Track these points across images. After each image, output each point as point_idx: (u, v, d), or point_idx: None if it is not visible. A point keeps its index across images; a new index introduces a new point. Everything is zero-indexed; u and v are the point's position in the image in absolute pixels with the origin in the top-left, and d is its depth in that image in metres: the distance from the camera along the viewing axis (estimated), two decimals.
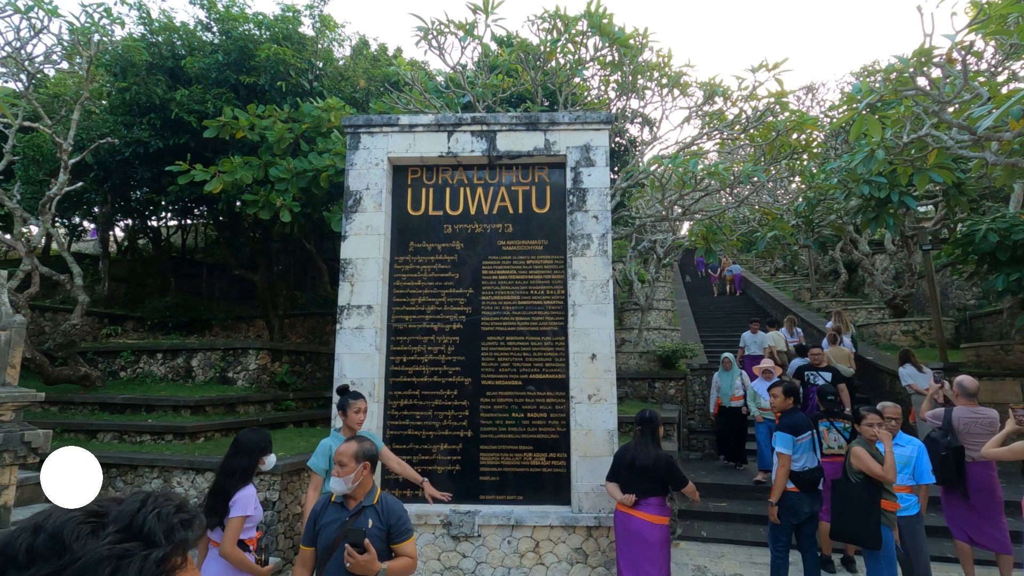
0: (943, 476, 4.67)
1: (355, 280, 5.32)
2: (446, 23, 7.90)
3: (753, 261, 24.28)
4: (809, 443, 4.54)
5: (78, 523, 0.69)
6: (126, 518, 0.72)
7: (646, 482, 4.04)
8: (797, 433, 4.51)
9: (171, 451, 6.56)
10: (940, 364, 8.84)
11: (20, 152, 9.49)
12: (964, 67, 4.52)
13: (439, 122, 5.58)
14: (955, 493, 4.77)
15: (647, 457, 4.06)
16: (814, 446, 4.58)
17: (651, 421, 4.25)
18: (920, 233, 10.84)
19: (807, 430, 4.56)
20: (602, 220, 5.32)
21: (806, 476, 4.43)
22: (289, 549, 5.86)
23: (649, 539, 4.00)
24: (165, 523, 0.73)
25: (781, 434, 4.54)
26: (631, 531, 4.05)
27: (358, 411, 3.75)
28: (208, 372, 8.94)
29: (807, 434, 4.55)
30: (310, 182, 7.75)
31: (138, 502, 0.75)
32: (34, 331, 9.56)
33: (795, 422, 4.57)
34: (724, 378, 8.44)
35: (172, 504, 0.78)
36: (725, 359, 8.45)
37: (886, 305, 13.74)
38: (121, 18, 8.12)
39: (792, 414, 4.67)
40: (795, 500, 4.48)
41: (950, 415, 4.87)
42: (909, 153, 6.13)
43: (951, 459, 4.69)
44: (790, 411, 4.71)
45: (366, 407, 3.85)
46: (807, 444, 4.52)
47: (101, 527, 0.71)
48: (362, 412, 3.78)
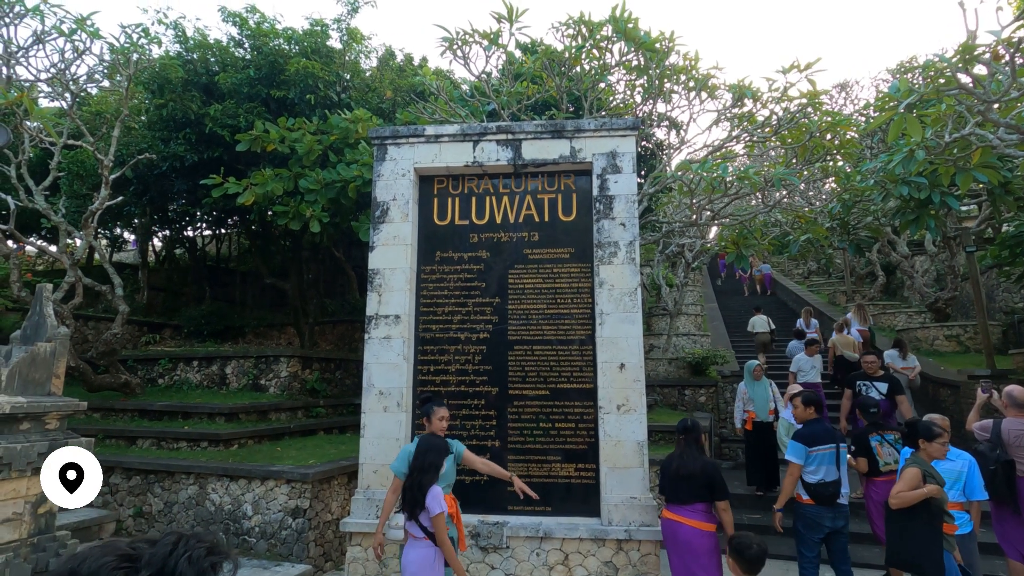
0: (993, 491, 4.44)
1: (383, 290, 5.36)
2: (470, 33, 7.94)
3: (786, 264, 23.70)
4: (831, 456, 4.45)
5: (112, 569, 0.69)
6: (158, 562, 0.72)
7: (692, 489, 4.05)
8: (812, 444, 4.47)
9: (206, 458, 6.71)
10: (987, 371, 8.45)
11: (65, 168, 9.90)
12: (1012, 64, 4.31)
13: (464, 132, 5.60)
14: (1006, 509, 4.53)
15: (694, 464, 4.09)
16: (837, 460, 4.46)
17: (694, 429, 4.28)
18: (963, 234, 10.40)
19: (829, 442, 4.48)
20: (629, 227, 5.25)
21: (821, 489, 4.39)
22: (320, 556, 5.93)
23: (698, 547, 4.01)
24: (196, 567, 0.73)
25: (793, 443, 4.54)
26: (680, 541, 4.06)
27: (441, 418, 3.85)
28: (241, 379, 9.15)
29: (828, 446, 4.46)
30: (338, 193, 7.88)
31: (170, 544, 0.75)
32: (78, 340, 9.93)
33: (813, 432, 4.53)
34: (756, 389, 7.46)
35: (204, 546, 0.78)
36: (756, 368, 7.52)
37: (927, 309, 13.22)
38: (158, 37, 8.43)
39: (813, 424, 4.63)
40: (812, 513, 4.43)
41: (999, 427, 4.63)
42: (951, 152, 5.89)
43: (1001, 473, 4.45)
44: (812, 421, 4.66)
45: (448, 414, 3.94)
46: (827, 457, 4.44)
47: (135, 571, 0.71)
48: (445, 420, 3.88)
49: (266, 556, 5.79)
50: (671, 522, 4.12)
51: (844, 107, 20.87)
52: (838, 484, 4.41)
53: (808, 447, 4.47)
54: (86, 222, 7.82)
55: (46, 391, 4.77)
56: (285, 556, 5.78)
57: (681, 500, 4.09)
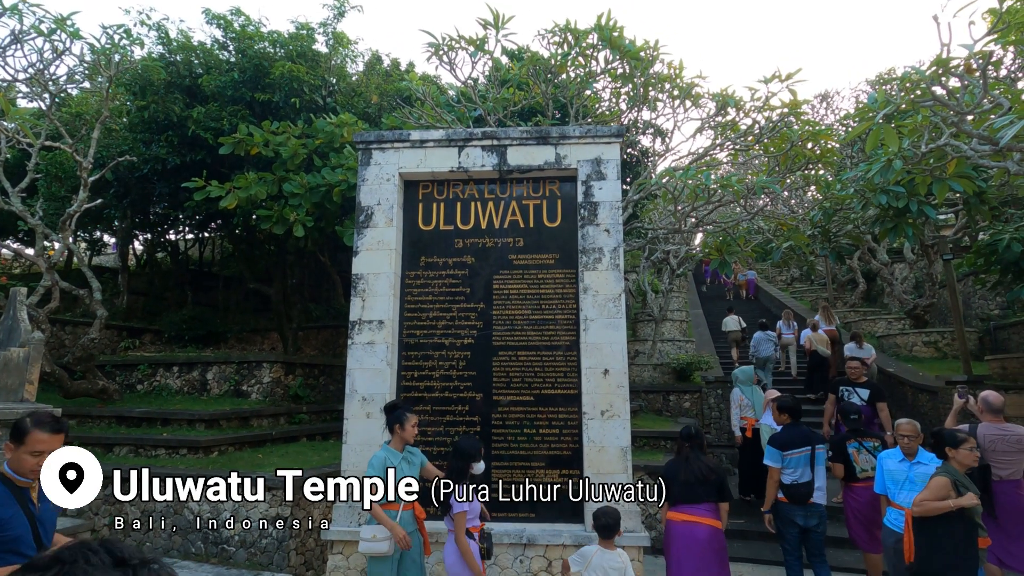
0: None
1: (367, 295, 5.33)
2: (457, 39, 7.96)
3: (769, 271, 23.98)
4: (805, 458, 4.74)
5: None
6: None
7: (702, 490, 4.32)
8: (786, 448, 4.77)
9: (185, 465, 6.59)
10: (964, 377, 8.61)
11: (43, 170, 9.72)
12: (984, 77, 4.43)
13: (450, 137, 5.60)
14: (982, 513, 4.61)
15: (703, 467, 4.37)
16: (811, 462, 4.74)
17: (697, 436, 4.59)
18: (940, 242, 10.62)
19: (803, 445, 4.77)
20: (614, 233, 5.28)
21: (794, 489, 4.70)
22: (301, 565, 5.84)
23: (717, 545, 4.30)
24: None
25: (769, 448, 4.90)
26: (700, 540, 4.26)
27: (414, 425, 3.97)
28: (223, 385, 9.01)
29: (802, 449, 4.75)
30: (323, 197, 7.82)
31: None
32: (54, 345, 9.73)
33: (788, 437, 4.85)
34: (756, 395, 7.49)
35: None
36: (755, 375, 7.64)
37: (906, 315, 13.46)
38: (140, 39, 8.32)
39: (788, 429, 4.93)
40: (785, 510, 4.79)
41: (975, 432, 4.72)
42: (927, 163, 6.01)
43: (977, 477, 4.53)
44: (787, 426, 4.97)
45: (417, 420, 4.05)
46: (802, 459, 4.74)
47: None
48: (416, 426, 4.00)
49: (246, 565, 5.69)
50: (688, 523, 4.32)
51: (825, 117, 21.25)
52: (811, 485, 4.69)
53: (782, 451, 4.77)
54: (64, 224, 7.67)
55: (19, 397, 4.67)
56: (265, 565, 5.68)
57: (696, 500, 4.33)
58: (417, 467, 4.02)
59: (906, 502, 4.18)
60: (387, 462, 3.81)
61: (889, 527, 4.28)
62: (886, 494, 4.40)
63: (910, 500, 4.16)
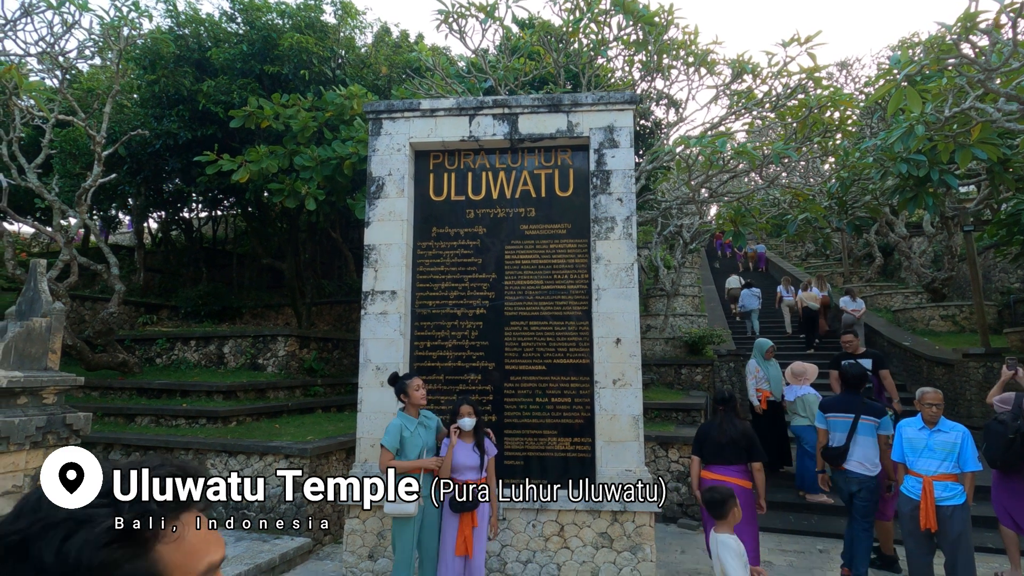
0: (1005, 460, 4.61)
1: (379, 266, 5.34)
2: (466, 6, 7.81)
3: (783, 246, 23.68)
4: (845, 424, 4.90)
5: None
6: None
7: (736, 451, 4.56)
8: (827, 411, 5.04)
9: (204, 434, 6.75)
10: (982, 350, 8.51)
11: (57, 146, 9.79)
12: (1014, 31, 4.25)
13: (460, 106, 5.53)
14: (1014, 478, 4.68)
15: (734, 430, 4.60)
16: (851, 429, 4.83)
17: (731, 400, 4.82)
18: (961, 214, 10.38)
19: (846, 412, 4.93)
20: (626, 203, 5.22)
21: (827, 452, 4.93)
22: (319, 530, 6.00)
23: (742, 502, 4.38)
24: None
25: (818, 411, 5.21)
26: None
27: (417, 388, 4.04)
28: (239, 359, 9.16)
29: (845, 415, 4.93)
30: (334, 170, 7.81)
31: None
32: (74, 320, 9.92)
33: (833, 401, 5.11)
34: (770, 368, 7.50)
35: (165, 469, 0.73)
36: (770, 347, 7.56)
37: (924, 289, 13.25)
38: (149, 11, 8.26)
39: (840, 395, 5.19)
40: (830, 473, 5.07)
41: (1021, 400, 4.77)
42: (950, 128, 5.84)
43: (1018, 443, 4.55)
44: (841, 393, 5.23)
45: (423, 383, 4.14)
46: (841, 424, 4.93)
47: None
48: (422, 388, 4.08)
49: (266, 530, 5.86)
50: (716, 482, 4.45)
51: (845, 86, 20.69)
52: (842, 450, 4.81)
53: (824, 413, 5.04)
54: (80, 200, 7.75)
55: (43, 366, 4.78)
56: (284, 530, 5.85)
57: (726, 461, 4.58)
58: (433, 431, 4.09)
59: (925, 470, 4.22)
60: (403, 429, 3.90)
61: (906, 495, 4.30)
62: (904, 462, 4.40)
63: (929, 468, 4.21)
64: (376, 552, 4.79)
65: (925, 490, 4.16)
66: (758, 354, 7.65)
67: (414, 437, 3.89)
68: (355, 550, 4.82)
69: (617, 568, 4.64)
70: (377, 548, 4.79)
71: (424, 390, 4.09)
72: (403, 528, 3.82)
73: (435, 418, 4.21)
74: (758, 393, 7.46)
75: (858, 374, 5.03)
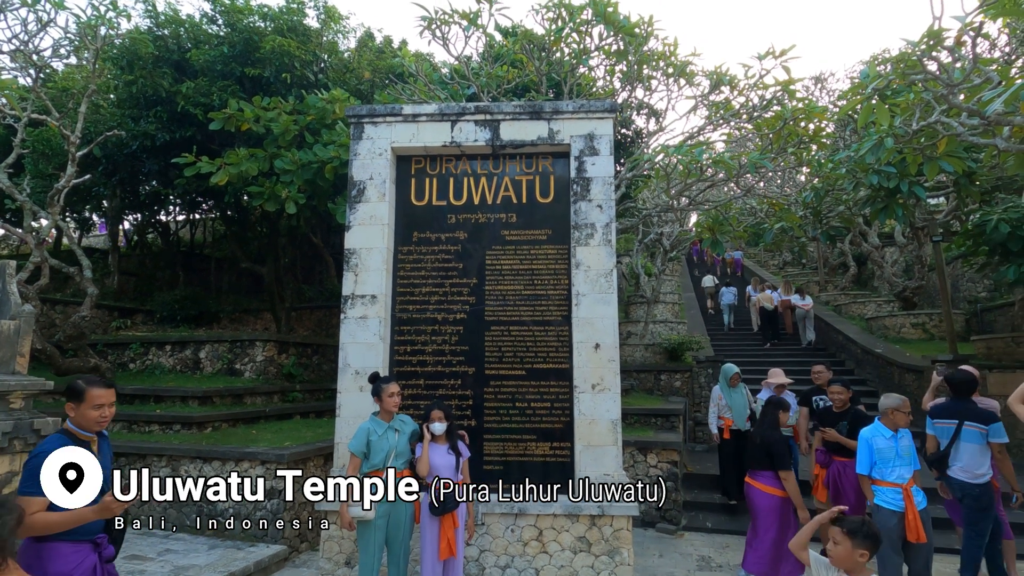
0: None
1: (359, 270, 5.33)
2: (450, 13, 7.86)
3: (761, 255, 24.11)
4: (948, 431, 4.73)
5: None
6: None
7: (759, 457, 4.72)
8: (934, 416, 4.88)
9: (179, 440, 6.62)
10: (949, 357, 8.76)
11: (29, 146, 9.57)
12: (973, 49, 4.43)
13: (442, 111, 5.56)
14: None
15: (757, 435, 4.82)
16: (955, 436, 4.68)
17: (779, 405, 4.94)
18: (930, 225, 10.71)
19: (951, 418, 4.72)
20: (606, 209, 5.29)
21: (930, 457, 4.82)
22: (295, 537, 5.92)
23: (759, 505, 4.66)
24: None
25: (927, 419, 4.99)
26: (758, 505, 4.69)
27: (391, 395, 4.04)
28: (216, 364, 9.02)
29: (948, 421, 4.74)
30: (315, 174, 7.76)
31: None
32: (45, 324, 9.68)
33: (940, 407, 4.87)
34: (734, 396, 7.05)
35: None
36: (735, 375, 7.05)
37: (896, 298, 13.61)
38: (127, 11, 8.15)
39: (948, 402, 4.89)
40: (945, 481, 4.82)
41: None
42: (918, 141, 6.04)
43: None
44: (949, 399, 4.90)
45: (399, 390, 4.13)
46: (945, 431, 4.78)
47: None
48: (396, 395, 4.07)
49: (240, 538, 5.76)
50: (752, 488, 4.76)
51: (819, 99, 21.26)
52: (942, 456, 4.66)
53: (932, 419, 4.88)
54: (52, 201, 7.58)
55: (10, 369, 4.66)
56: (260, 537, 5.75)
57: (756, 467, 4.75)
58: (406, 436, 4.08)
59: (900, 478, 4.13)
60: (370, 433, 3.92)
61: (887, 507, 4.13)
62: (869, 474, 4.25)
63: (904, 476, 4.14)
64: (353, 559, 4.75)
65: (906, 497, 4.06)
66: (723, 380, 7.18)
67: (382, 441, 3.90)
68: (332, 556, 4.78)
69: (595, 572, 4.67)
70: (354, 555, 4.74)
71: (398, 397, 4.09)
72: (365, 531, 3.87)
73: (412, 423, 4.21)
74: (720, 421, 7.10)
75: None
